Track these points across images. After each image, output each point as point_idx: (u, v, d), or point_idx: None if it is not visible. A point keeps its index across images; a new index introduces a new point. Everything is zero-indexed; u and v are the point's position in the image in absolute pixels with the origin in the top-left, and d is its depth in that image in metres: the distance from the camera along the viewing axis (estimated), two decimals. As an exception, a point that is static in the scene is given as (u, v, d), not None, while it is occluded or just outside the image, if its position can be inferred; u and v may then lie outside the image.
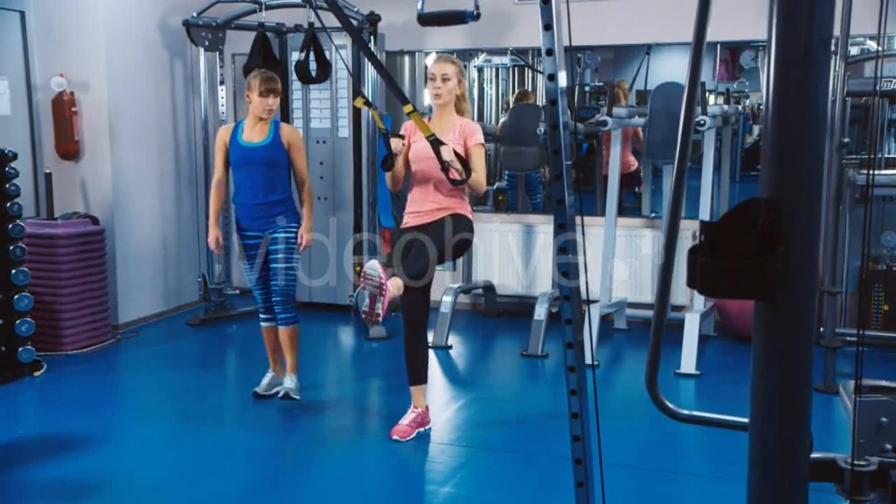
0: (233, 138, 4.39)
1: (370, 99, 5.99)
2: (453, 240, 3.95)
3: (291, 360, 4.54)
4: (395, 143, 3.93)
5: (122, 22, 5.95)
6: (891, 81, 4.85)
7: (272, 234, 4.38)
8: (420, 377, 4.09)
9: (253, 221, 4.40)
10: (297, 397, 4.49)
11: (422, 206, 4.02)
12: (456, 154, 3.77)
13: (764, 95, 1.08)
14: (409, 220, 4.06)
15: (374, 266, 3.68)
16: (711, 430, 1.94)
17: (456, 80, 4.01)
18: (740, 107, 7.57)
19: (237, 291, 6.69)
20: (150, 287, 6.35)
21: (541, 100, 7.62)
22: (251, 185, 4.38)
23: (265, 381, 4.60)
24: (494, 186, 7.35)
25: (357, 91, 5.08)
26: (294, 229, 4.42)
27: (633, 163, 6.98)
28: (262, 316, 4.54)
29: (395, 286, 3.73)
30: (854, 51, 5.70)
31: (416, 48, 6.71)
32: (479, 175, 3.93)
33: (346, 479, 3.75)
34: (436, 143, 3.72)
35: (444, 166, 3.73)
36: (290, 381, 4.54)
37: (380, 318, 3.71)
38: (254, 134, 4.38)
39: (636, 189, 7.09)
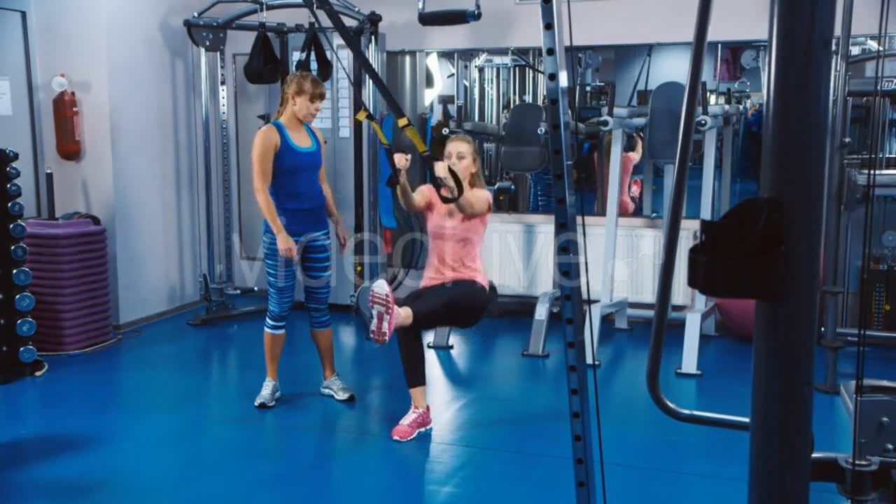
0: (285, 143, 4.23)
1: (371, 101, 6.03)
2: (466, 294, 4.09)
3: (333, 360, 4.66)
4: (398, 159, 3.91)
5: (123, 22, 5.95)
6: (892, 81, 4.85)
7: (313, 241, 4.37)
8: (419, 379, 4.10)
9: (303, 226, 4.33)
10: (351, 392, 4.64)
11: (439, 273, 4.17)
12: (451, 172, 3.77)
13: (765, 95, 1.08)
14: (426, 283, 4.22)
15: (381, 285, 3.71)
16: (712, 430, 1.94)
17: (471, 159, 4.16)
18: (741, 107, 7.56)
19: (238, 291, 6.69)
20: (152, 287, 6.35)
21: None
22: (309, 191, 4.35)
23: (267, 391, 4.49)
24: (496, 186, 7.36)
25: (359, 103, 5.04)
26: (328, 234, 4.49)
27: (630, 207, 6.79)
28: (278, 324, 4.42)
29: (404, 314, 3.80)
30: (855, 50, 5.70)
31: (417, 48, 6.71)
32: (473, 200, 4.01)
33: (346, 479, 3.75)
34: (430, 160, 3.71)
35: (437, 183, 3.74)
36: (341, 382, 4.64)
37: (386, 338, 3.71)
38: (300, 138, 4.31)
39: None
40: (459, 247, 4.13)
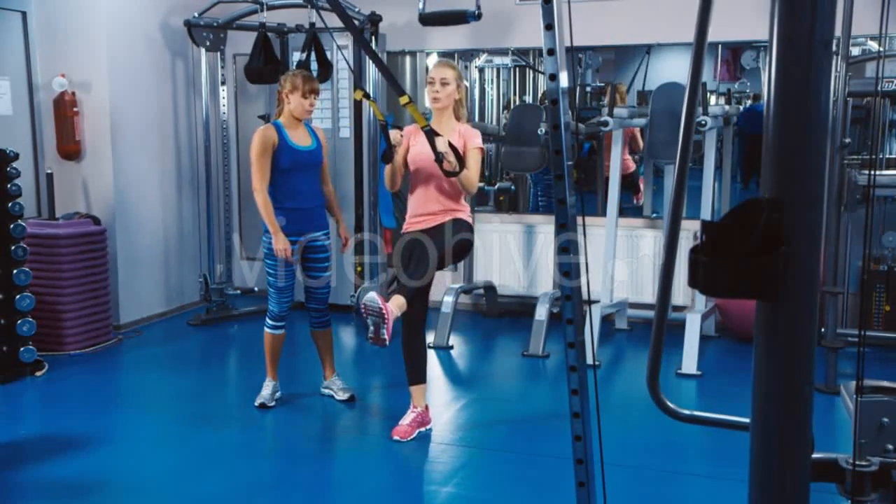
0: (283, 142, 4.23)
1: (372, 95, 6.02)
2: (453, 240, 3.97)
3: (333, 360, 4.65)
4: (394, 135, 3.95)
5: (123, 22, 5.96)
6: (892, 82, 4.85)
7: (313, 241, 4.37)
8: (419, 377, 4.10)
9: (303, 226, 4.33)
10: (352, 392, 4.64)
11: (423, 209, 4.03)
12: (451, 146, 3.77)
13: (765, 96, 1.08)
14: (409, 225, 4.08)
15: (372, 298, 3.67)
16: (713, 431, 1.94)
17: (455, 85, 4.02)
18: (741, 107, 7.55)
19: (238, 292, 6.69)
20: (152, 287, 6.35)
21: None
22: (308, 190, 4.34)
23: (268, 391, 4.49)
24: (496, 186, 7.35)
25: (356, 84, 5.07)
26: (328, 234, 4.49)
27: (631, 165, 6.99)
28: (278, 324, 4.42)
29: (396, 305, 3.74)
30: (855, 51, 5.70)
31: (418, 48, 6.71)
32: (472, 173, 3.94)
33: (346, 479, 3.75)
34: (431, 134, 3.73)
35: (438, 157, 3.73)
36: (341, 382, 4.64)
37: (386, 342, 3.69)
38: (299, 137, 4.31)
39: (634, 201, 7.12)
40: (448, 185, 3.97)
